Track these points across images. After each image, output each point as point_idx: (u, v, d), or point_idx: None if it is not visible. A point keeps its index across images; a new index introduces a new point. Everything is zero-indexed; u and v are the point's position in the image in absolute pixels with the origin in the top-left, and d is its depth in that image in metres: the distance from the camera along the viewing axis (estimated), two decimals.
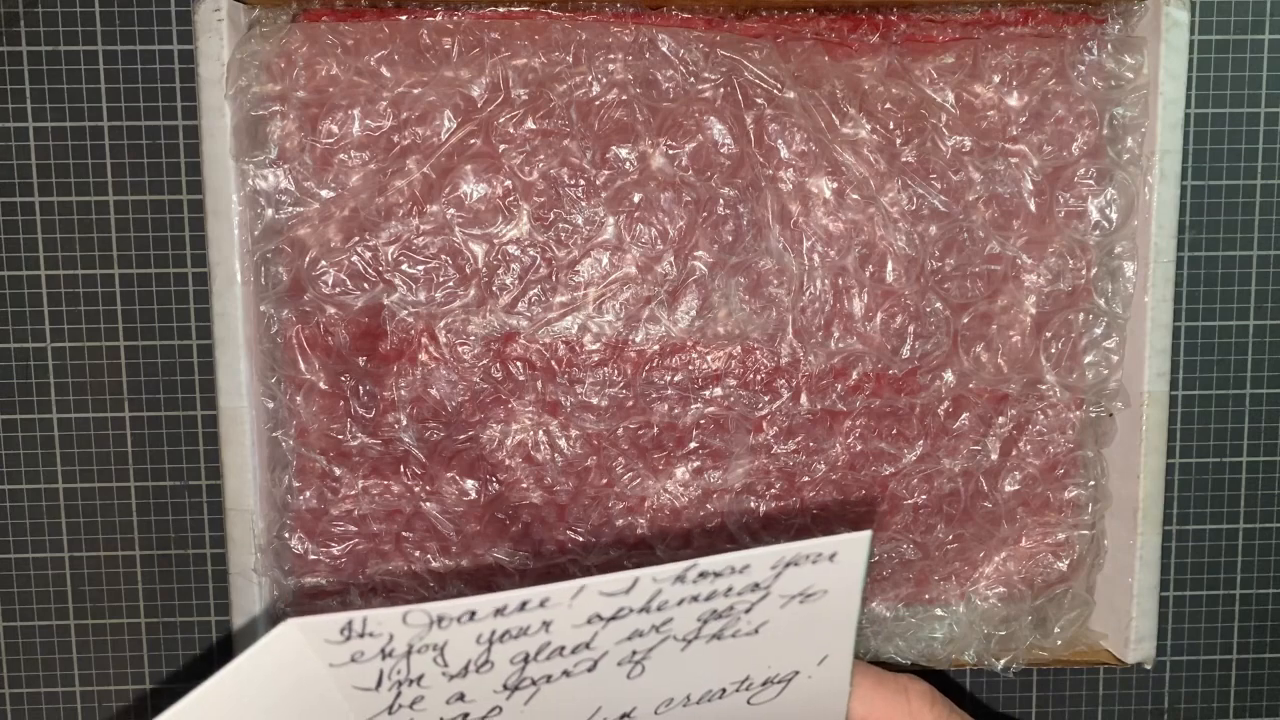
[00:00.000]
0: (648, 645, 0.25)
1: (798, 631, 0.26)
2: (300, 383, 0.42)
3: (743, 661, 0.26)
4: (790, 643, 0.26)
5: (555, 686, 0.26)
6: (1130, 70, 0.41)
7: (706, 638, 0.26)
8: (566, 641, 0.25)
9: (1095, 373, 0.43)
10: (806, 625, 0.26)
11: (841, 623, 0.26)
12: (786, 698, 0.28)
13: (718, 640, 0.26)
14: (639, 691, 0.26)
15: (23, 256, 0.44)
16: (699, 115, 0.41)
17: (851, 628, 0.26)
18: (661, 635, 0.25)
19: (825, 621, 0.26)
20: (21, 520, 0.45)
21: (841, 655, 0.27)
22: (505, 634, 0.24)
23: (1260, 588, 0.47)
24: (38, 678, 0.46)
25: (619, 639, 0.25)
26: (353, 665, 0.24)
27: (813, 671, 0.27)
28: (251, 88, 0.40)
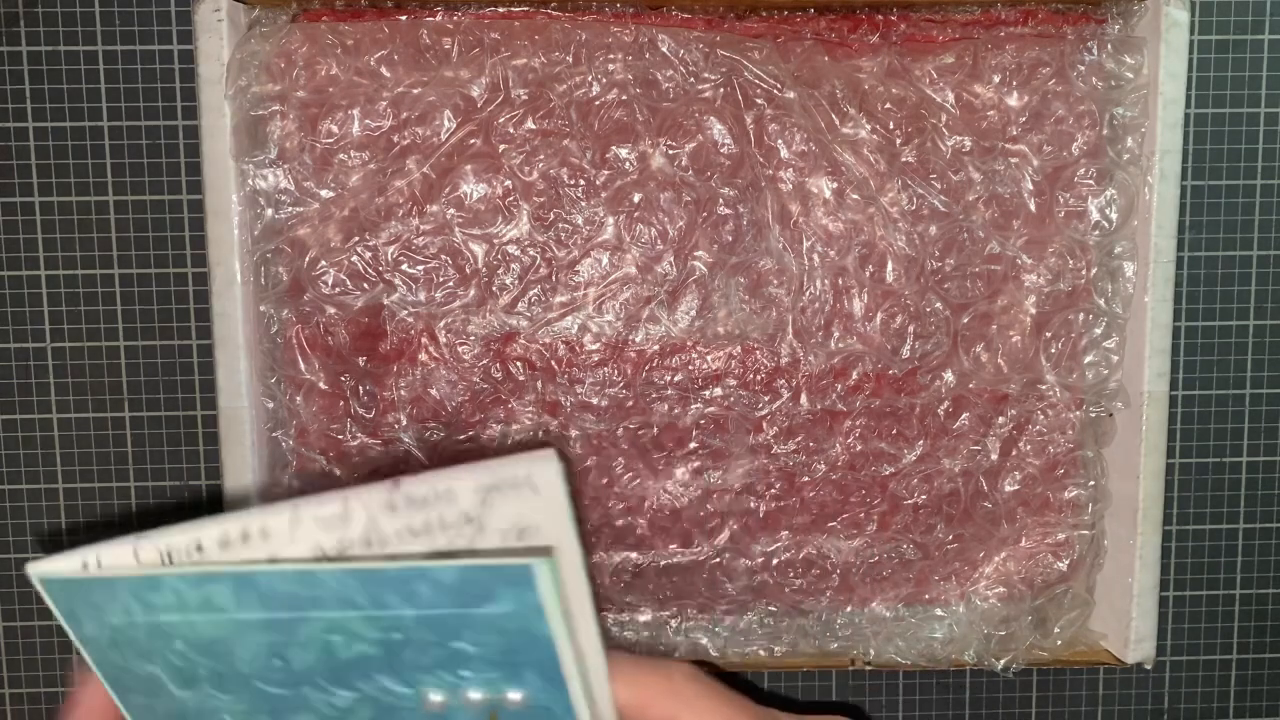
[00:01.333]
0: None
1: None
2: (300, 383, 0.42)
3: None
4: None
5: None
6: (1130, 70, 0.41)
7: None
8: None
9: (1095, 373, 0.43)
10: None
11: (568, 571, 0.25)
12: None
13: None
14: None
15: (23, 256, 0.44)
16: (699, 115, 0.41)
17: (577, 569, 0.25)
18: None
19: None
20: (21, 520, 0.45)
21: (580, 610, 0.26)
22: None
23: (1260, 588, 0.47)
24: (38, 677, 0.46)
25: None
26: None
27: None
28: (251, 87, 0.40)
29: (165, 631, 0.24)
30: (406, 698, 0.25)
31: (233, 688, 0.25)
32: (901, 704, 0.47)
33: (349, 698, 0.25)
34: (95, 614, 0.25)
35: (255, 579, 0.24)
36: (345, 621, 0.24)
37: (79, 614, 0.25)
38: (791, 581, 0.43)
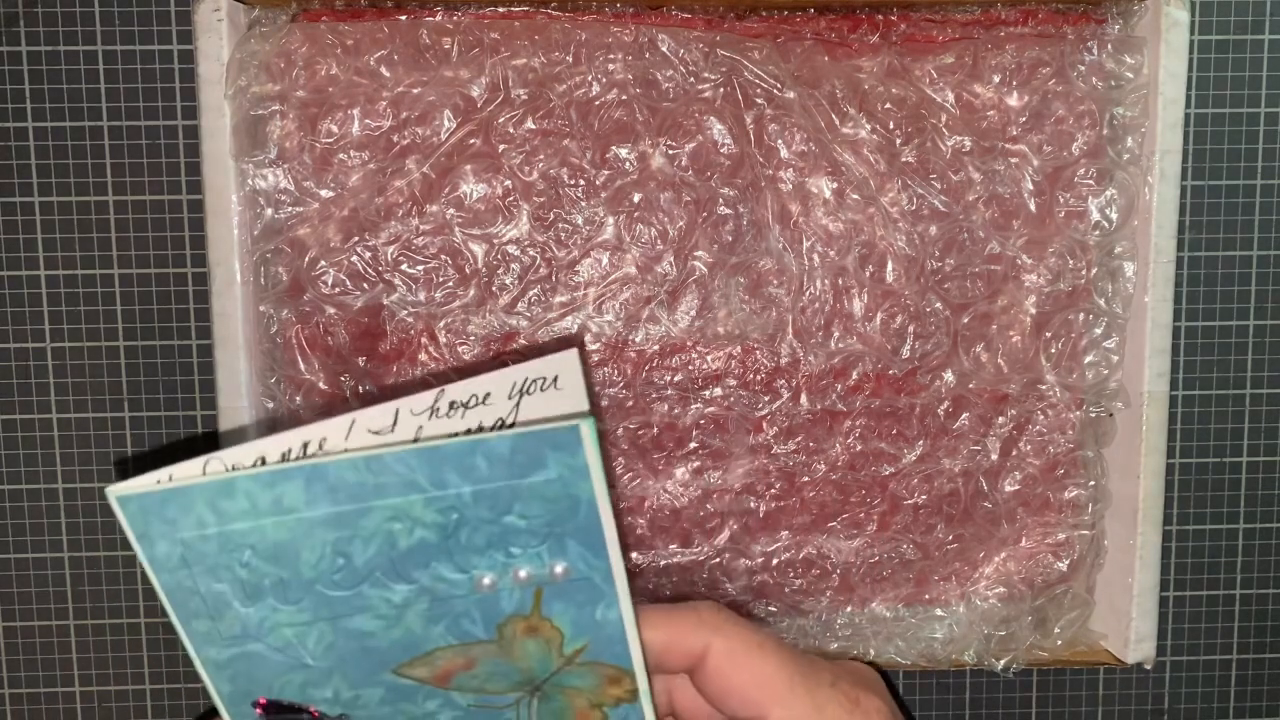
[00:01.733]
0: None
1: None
2: (300, 383, 0.42)
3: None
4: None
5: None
6: (1130, 70, 0.41)
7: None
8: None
9: (1095, 373, 0.43)
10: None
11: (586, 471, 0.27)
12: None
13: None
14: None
15: (22, 256, 0.44)
16: (699, 115, 0.41)
17: (595, 471, 0.27)
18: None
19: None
20: (21, 520, 0.45)
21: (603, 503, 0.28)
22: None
23: (1260, 588, 0.47)
24: (37, 678, 0.46)
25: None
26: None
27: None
28: (251, 87, 0.40)
29: (235, 541, 0.26)
30: (459, 584, 0.27)
31: (296, 596, 0.27)
32: (901, 704, 0.47)
33: (405, 591, 0.27)
34: (168, 530, 0.26)
35: (325, 470, 0.25)
36: (407, 507, 0.26)
37: (152, 533, 0.26)
38: (791, 581, 0.43)
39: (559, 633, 0.29)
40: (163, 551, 0.26)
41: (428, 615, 0.28)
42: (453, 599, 0.28)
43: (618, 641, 0.29)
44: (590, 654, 0.29)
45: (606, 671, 0.29)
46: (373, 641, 0.28)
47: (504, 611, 0.28)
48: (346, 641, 0.28)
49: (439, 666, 0.29)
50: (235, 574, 0.26)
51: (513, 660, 0.29)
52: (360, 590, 0.27)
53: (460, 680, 0.29)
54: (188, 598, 0.27)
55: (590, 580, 0.28)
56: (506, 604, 0.28)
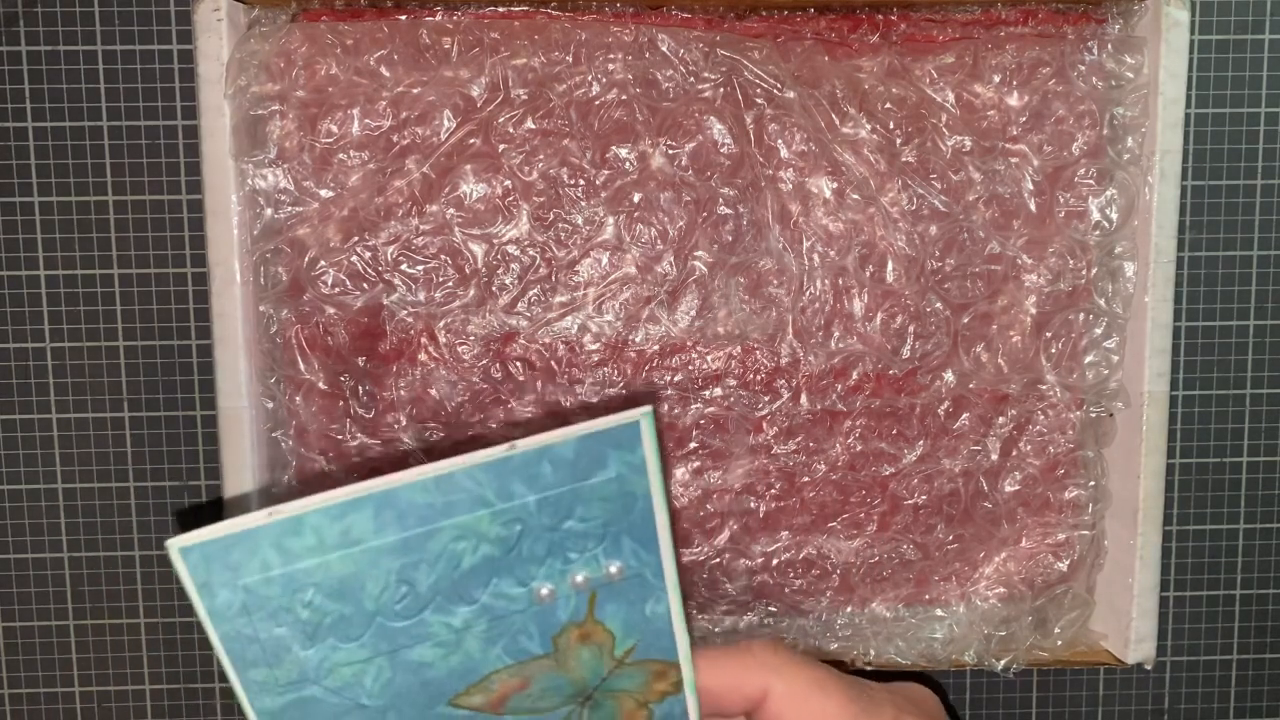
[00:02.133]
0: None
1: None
2: (300, 383, 0.42)
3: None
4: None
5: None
6: (1130, 70, 0.41)
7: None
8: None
9: (1095, 373, 0.43)
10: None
11: (659, 515, 0.28)
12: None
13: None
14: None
15: (22, 256, 0.44)
16: (699, 115, 0.41)
17: (664, 512, 0.28)
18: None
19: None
20: (21, 520, 0.45)
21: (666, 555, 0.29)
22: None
23: (1260, 588, 0.47)
24: (37, 678, 0.46)
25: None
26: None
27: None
28: (251, 87, 0.40)
29: (299, 580, 0.26)
30: (518, 599, 0.28)
31: (357, 632, 0.27)
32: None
33: (466, 614, 0.28)
34: (230, 577, 0.26)
35: (396, 495, 0.26)
36: (474, 523, 0.27)
37: (213, 582, 0.26)
38: (791, 582, 0.43)
39: (610, 635, 0.29)
40: (223, 601, 0.26)
41: (486, 636, 0.28)
42: (511, 615, 0.28)
43: (665, 635, 0.30)
44: (639, 653, 0.30)
45: (653, 667, 0.30)
46: (431, 672, 0.28)
47: (560, 621, 0.29)
48: (405, 676, 0.28)
49: (495, 691, 0.29)
50: (297, 616, 0.27)
51: (566, 672, 0.29)
52: (422, 618, 0.27)
53: (514, 702, 0.29)
54: (246, 646, 0.27)
55: (642, 576, 0.29)
56: (562, 613, 0.29)
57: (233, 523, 0.25)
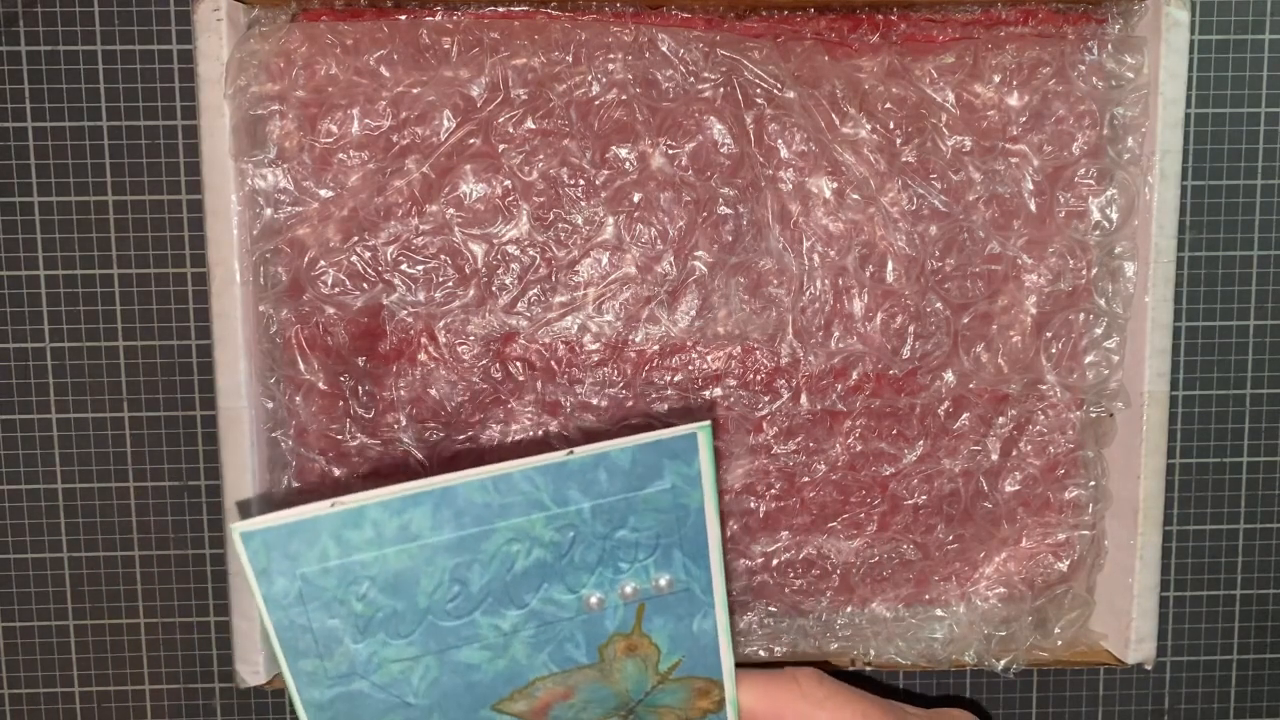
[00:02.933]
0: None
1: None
2: (299, 383, 0.42)
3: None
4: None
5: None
6: (1130, 70, 0.41)
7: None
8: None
9: (1096, 373, 0.43)
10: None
11: (710, 526, 0.29)
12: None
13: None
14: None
15: (22, 256, 0.44)
16: (699, 115, 0.41)
17: (715, 525, 0.29)
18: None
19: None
20: (21, 520, 0.45)
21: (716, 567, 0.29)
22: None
23: (1260, 588, 0.47)
24: (37, 678, 0.46)
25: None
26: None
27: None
28: (251, 87, 0.40)
29: (356, 573, 0.27)
30: (567, 606, 0.28)
31: (408, 628, 0.27)
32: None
33: (515, 618, 0.28)
34: (289, 566, 0.26)
35: (455, 492, 0.27)
36: (529, 526, 0.27)
37: (272, 569, 0.26)
38: (791, 582, 0.43)
39: (656, 649, 0.30)
40: (280, 588, 0.27)
41: (533, 642, 0.29)
42: (559, 622, 0.29)
43: (710, 652, 0.30)
44: (683, 669, 0.30)
45: (697, 685, 0.30)
46: (477, 675, 0.29)
47: (607, 631, 0.29)
48: (451, 676, 0.28)
49: (538, 699, 0.29)
50: (351, 608, 0.27)
51: (611, 684, 0.30)
52: (473, 618, 0.28)
53: (558, 711, 0.30)
54: (299, 636, 0.27)
55: (690, 591, 0.29)
56: (610, 622, 0.29)
57: (295, 511, 0.26)
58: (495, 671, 0.29)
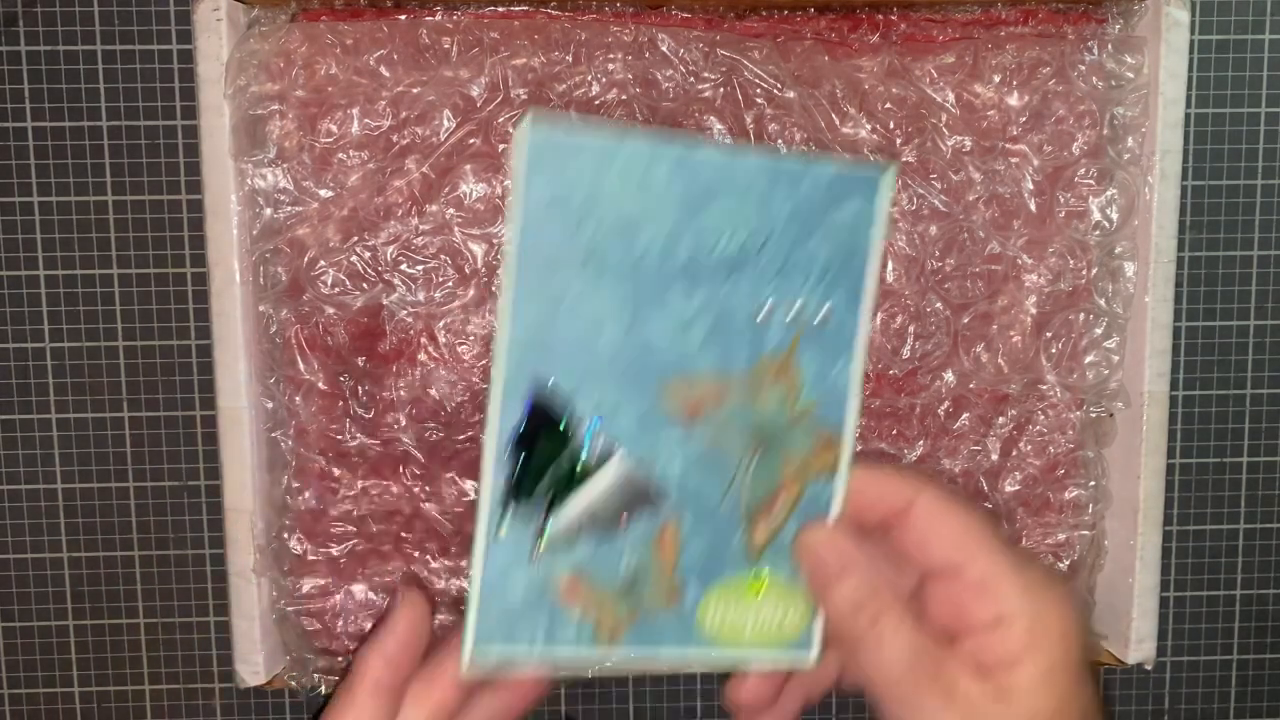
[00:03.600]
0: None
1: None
2: (299, 383, 0.42)
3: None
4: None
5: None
6: (1130, 70, 0.41)
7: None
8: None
9: (1096, 373, 0.43)
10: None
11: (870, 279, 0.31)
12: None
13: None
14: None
15: (22, 256, 0.44)
16: (699, 115, 0.41)
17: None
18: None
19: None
20: (21, 520, 0.45)
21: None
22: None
23: (1260, 588, 0.47)
24: (37, 678, 0.46)
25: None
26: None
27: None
28: (250, 87, 0.40)
29: (596, 205, 0.29)
30: (743, 307, 0.30)
31: (618, 276, 0.30)
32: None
33: (700, 303, 0.30)
34: (553, 175, 0.28)
35: (695, 155, 0.29)
36: (737, 212, 0.30)
37: (537, 172, 0.28)
38: None
39: (798, 384, 0.31)
40: (537, 193, 0.28)
41: (708, 334, 0.30)
42: (732, 324, 0.30)
43: (840, 405, 0.31)
44: (815, 414, 0.31)
45: (822, 436, 0.31)
46: (655, 348, 0.30)
47: (766, 348, 0.31)
48: (634, 340, 0.30)
49: (695, 394, 0.31)
50: (582, 236, 0.29)
51: (755, 405, 0.31)
52: (668, 290, 0.30)
53: (706, 416, 0.31)
54: (535, 246, 0.29)
55: (840, 332, 0.31)
56: (770, 341, 0.31)
57: (570, 128, 0.28)
58: (670, 351, 0.30)
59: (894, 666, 0.29)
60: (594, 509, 0.31)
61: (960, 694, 0.29)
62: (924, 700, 0.29)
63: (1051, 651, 0.29)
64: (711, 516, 0.31)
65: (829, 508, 0.32)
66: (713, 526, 0.31)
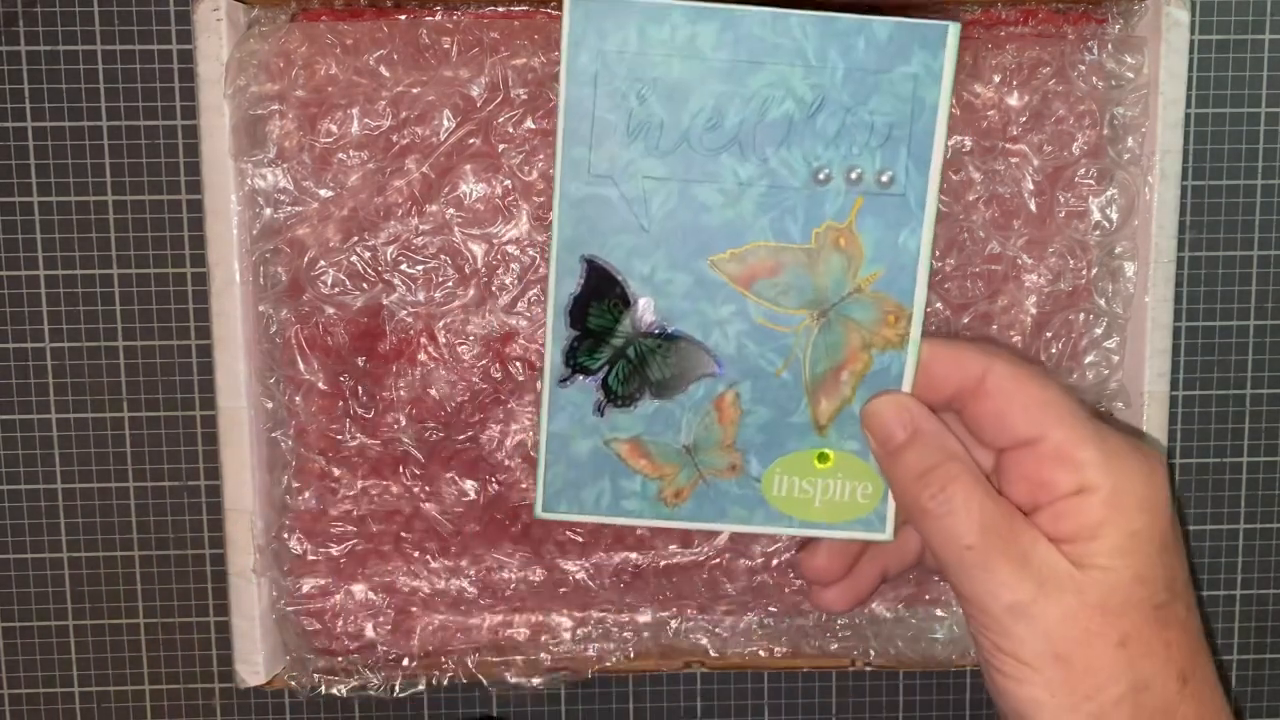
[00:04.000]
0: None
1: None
2: (299, 383, 0.42)
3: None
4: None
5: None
6: (1131, 70, 0.41)
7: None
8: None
9: (1096, 373, 0.42)
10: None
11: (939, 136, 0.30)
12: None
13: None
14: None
15: (22, 256, 0.44)
16: None
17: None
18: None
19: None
20: (21, 520, 0.45)
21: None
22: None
23: (1260, 588, 0.47)
24: (37, 678, 0.46)
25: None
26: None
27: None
28: (250, 87, 0.40)
29: (643, 69, 0.29)
30: (799, 173, 0.30)
31: (666, 146, 0.30)
32: (902, 704, 0.47)
33: (753, 169, 0.30)
34: (597, 40, 0.29)
35: (740, 18, 0.29)
36: (789, 74, 0.29)
37: (584, 39, 0.29)
38: (791, 582, 0.43)
39: (862, 251, 0.30)
40: (583, 63, 0.29)
41: (761, 202, 0.30)
42: (788, 190, 0.30)
43: (908, 275, 0.31)
44: (880, 283, 0.31)
45: (888, 306, 0.31)
46: (705, 219, 0.30)
47: (824, 215, 0.30)
48: (685, 213, 0.30)
49: (749, 265, 0.31)
50: (629, 104, 0.29)
51: (814, 275, 0.31)
52: (719, 157, 0.30)
53: (761, 286, 0.31)
54: (579, 120, 0.29)
55: (905, 198, 0.30)
56: (829, 207, 0.30)
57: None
58: (722, 221, 0.30)
59: (965, 535, 0.28)
60: (651, 375, 0.31)
61: (1036, 562, 0.28)
62: (996, 568, 0.28)
63: (1133, 520, 0.28)
64: (772, 388, 0.31)
65: (899, 382, 0.31)
66: (774, 399, 0.31)
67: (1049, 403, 0.29)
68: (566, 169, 0.30)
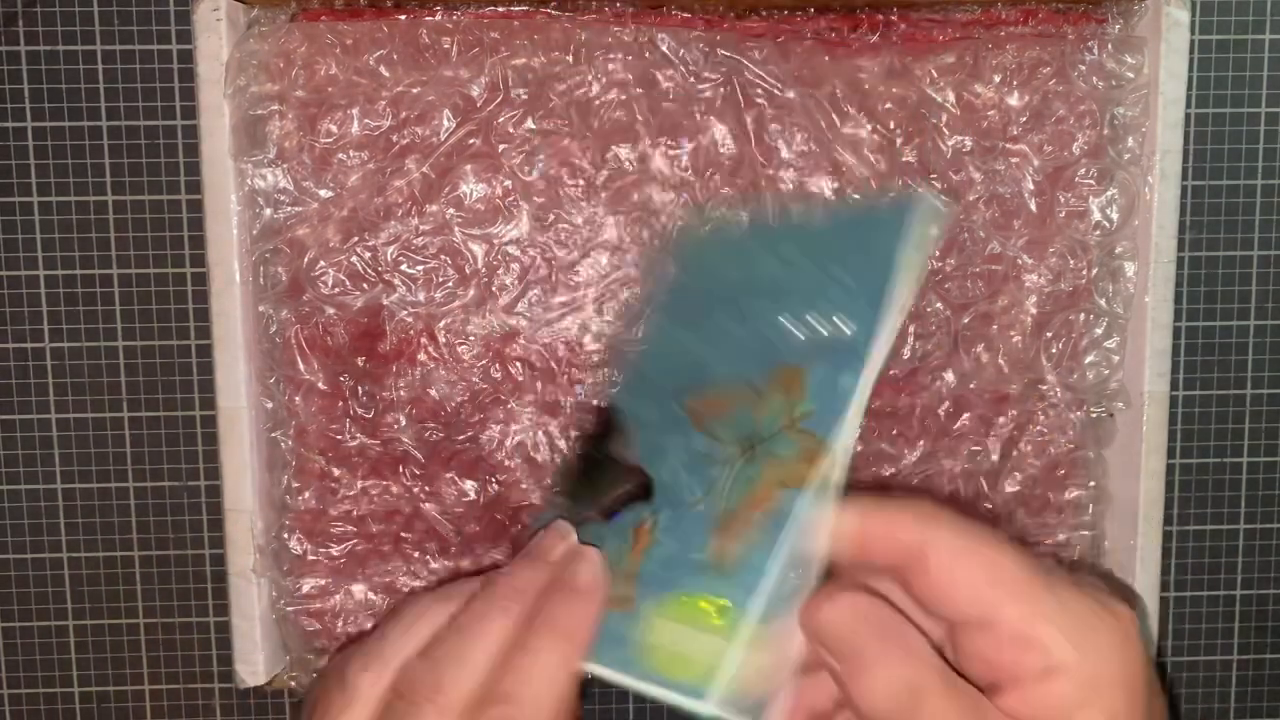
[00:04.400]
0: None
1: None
2: (299, 383, 0.42)
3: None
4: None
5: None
6: (1131, 70, 0.41)
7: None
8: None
9: (1096, 373, 0.43)
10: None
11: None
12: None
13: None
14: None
15: (21, 256, 0.44)
16: (699, 115, 0.41)
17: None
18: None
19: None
20: (21, 520, 0.45)
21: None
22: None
23: (1260, 588, 0.47)
24: (37, 678, 0.46)
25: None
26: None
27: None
28: (250, 87, 0.40)
29: (698, 276, 0.34)
30: (776, 327, 0.32)
31: (688, 323, 0.33)
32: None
33: (739, 322, 0.32)
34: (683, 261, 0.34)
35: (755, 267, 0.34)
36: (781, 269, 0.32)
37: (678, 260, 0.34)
38: None
39: (804, 392, 0.30)
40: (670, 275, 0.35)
41: (734, 350, 0.32)
42: (761, 338, 0.31)
43: (837, 414, 0.29)
44: (811, 421, 0.29)
45: (809, 444, 0.28)
46: (686, 359, 0.33)
47: (779, 359, 0.31)
48: (674, 353, 0.33)
49: (704, 403, 0.32)
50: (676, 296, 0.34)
51: (756, 413, 0.30)
52: (711, 315, 0.32)
53: (709, 424, 0.31)
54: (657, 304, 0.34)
55: (855, 342, 0.30)
56: (786, 354, 0.31)
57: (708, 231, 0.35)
58: (696, 364, 0.32)
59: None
60: (598, 492, 0.32)
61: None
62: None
63: (1113, 700, 0.25)
64: (685, 520, 0.29)
65: (803, 527, 0.27)
66: (682, 530, 0.29)
67: (999, 580, 0.26)
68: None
